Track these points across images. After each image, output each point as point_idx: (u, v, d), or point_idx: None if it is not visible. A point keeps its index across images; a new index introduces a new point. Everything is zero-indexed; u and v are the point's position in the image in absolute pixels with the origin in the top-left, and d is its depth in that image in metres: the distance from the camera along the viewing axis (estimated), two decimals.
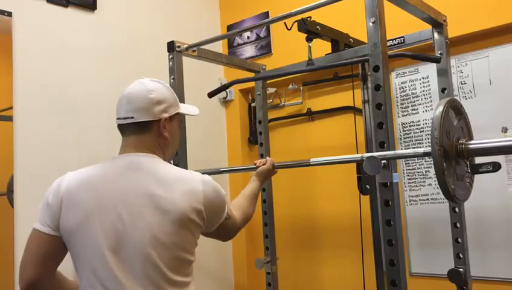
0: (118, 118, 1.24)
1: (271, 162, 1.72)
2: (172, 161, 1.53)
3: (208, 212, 1.18)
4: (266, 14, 2.74)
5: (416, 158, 2.24)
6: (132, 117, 1.21)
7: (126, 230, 1.10)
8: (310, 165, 1.66)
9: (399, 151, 1.31)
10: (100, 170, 1.22)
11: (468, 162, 1.23)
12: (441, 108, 1.12)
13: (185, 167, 1.82)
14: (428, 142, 2.21)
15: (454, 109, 1.22)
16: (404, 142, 2.28)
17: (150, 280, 1.08)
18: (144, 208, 1.11)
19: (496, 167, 1.18)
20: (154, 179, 1.15)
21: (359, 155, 1.38)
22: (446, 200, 1.82)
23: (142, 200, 1.12)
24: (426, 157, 2.20)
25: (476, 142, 1.19)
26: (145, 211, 1.11)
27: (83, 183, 1.18)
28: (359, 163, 2.18)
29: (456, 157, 1.17)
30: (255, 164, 1.74)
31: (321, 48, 2.02)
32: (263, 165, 1.71)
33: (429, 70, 2.17)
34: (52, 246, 1.16)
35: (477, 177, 2.03)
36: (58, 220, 1.16)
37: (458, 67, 2.13)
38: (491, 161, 1.23)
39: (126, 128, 1.24)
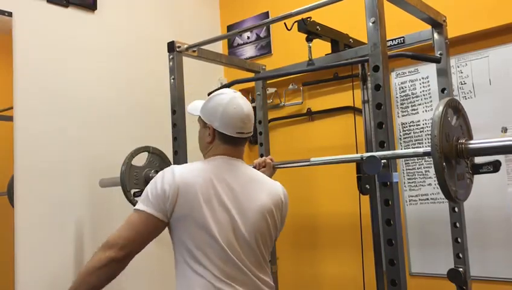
0: (241, 132, 1.38)
1: (270, 165, 1.77)
2: None
3: None
4: (266, 14, 2.74)
5: (416, 158, 2.24)
6: (251, 131, 1.43)
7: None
8: (310, 164, 1.67)
9: (399, 151, 1.31)
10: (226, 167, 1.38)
11: (468, 162, 1.22)
12: (440, 109, 1.12)
13: None
14: (428, 142, 2.21)
15: (453, 108, 1.22)
16: (404, 142, 2.28)
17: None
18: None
19: (497, 166, 1.18)
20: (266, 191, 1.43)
21: (359, 155, 1.38)
22: (446, 200, 1.81)
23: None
24: (426, 157, 2.21)
25: (475, 142, 1.18)
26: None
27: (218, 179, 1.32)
28: (359, 163, 2.18)
29: (456, 158, 1.17)
30: (254, 166, 1.74)
31: (321, 48, 2.02)
32: (263, 167, 1.75)
33: (429, 70, 2.17)
34: (159, 231, 1.28)
35: (477, 177, 2.04)
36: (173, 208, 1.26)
37: (458, 67, 2.13)
38: (492, 159, 1.23)
39: (241, 140, 1.41)
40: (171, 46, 1.93)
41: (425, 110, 2.23)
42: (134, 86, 2.40)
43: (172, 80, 1.93)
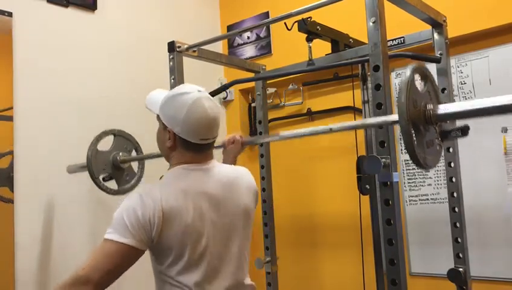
0: (205, 139, 1.27)
1: (239, 142, 1.68)
2: None
3: None
4: (266, 14, 2.74)
5: None
6: (217, 136, 1.32)
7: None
8: (280, 138, 1.66)
9: (368, 120, 1.32)
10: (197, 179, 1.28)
11: (437, 128, 1.17)
12: (407, 75, 1.09)
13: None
14: None
15: (421, 74, 1.18)
16: None
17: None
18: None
19: (465, 131, 1.14)
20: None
21: (328, 126, 1.46)
22: (446, 200, 1.82)
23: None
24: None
25: (443, 108, 1.14)
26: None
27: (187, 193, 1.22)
28: (359, 163, 2.18)
29: (424, 124, 1.13)
30: (223, 144, 1.69)
31: (321, 48, 2.02)
32: (231, 144, 1.67)
33: (429, 70, 2.16)
34: (137, 259, 1.15)
35: (477, 177, 2.04)
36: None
37: (458, 67, 2.13)
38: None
39: (208, 145, 1.31)
40: (171, 46, 1.93)
41: None
42: (134, 86, 2.40)
43: (172, 80, 1.93)
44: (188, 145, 1.26)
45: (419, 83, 1.17)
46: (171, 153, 1.30)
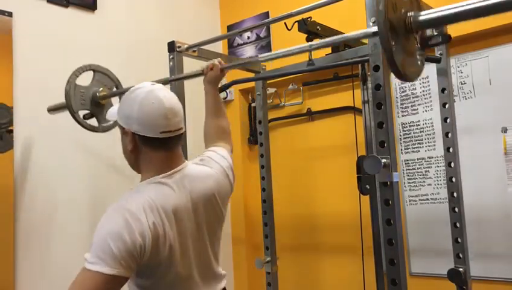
0: (167, 131, 1.17)
1: (218, 67, 1.60)
2: None
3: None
4: (266, 14, 2.74)
5: (416, 159, 2.24)
6: (182, 128, 1.23)
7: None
8: (259, 60, 1.61)
9: (346, 35, 1.30)
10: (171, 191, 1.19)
11: (418, 37, 1.09)
12: None
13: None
14: (429, 143, 2.21)
15: None
16: (404, 142, 2.28)
17: None
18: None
19: (446, 38, 1.07)
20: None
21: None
22: (446, 200, 1.82)
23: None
24: (426, 158, 2.21)
25: (426, 13, 1.05)
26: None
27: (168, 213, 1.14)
28: (359, 163, 2.18)
29: (404, 32, 1.05)
30: (202, 71, 1.65)
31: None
32: (210, 70, 1.61)
33: (429, 70, 2.16)
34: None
35: (477, 177, 2.04)
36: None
37: (458, 67, 2.13)
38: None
39: (172, 140, 1.20)
40: (171, 46, 1.93)
41: (426, 110, 2.23)
42: None
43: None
44: (152, 143, 1.17)
45: None
46: (138, 159, 1.21)
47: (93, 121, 1.93)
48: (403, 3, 1.05)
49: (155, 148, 1.18)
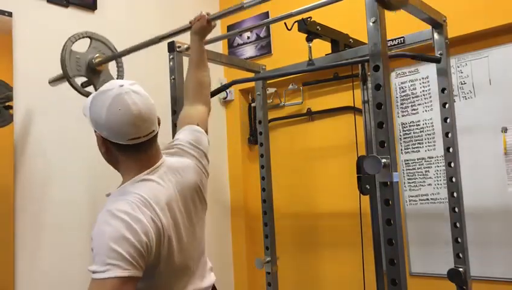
0: (136, 138, 1.14)
1: (204, 17, 1.57)
2: None
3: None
4: (266, 14, 2.74)
5: (416, 159, 2.24)
6: (153, 131, 1.19)
7: None
8: (243, 7, 1.55)
9: None
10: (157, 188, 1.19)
11: None
12: None
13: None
14: (429, 143, 2.21)
15: None
16: (404, 142, 2.28)
17: None
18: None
19: None
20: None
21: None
22: (446, 200, 1.82)
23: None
24: (426, 158, 2.21)
25: None
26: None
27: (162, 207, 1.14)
28: (359, 163, 2.18)
29: None
30: (190, 23, 1.63)
31: (321, 48, 2.02)
32: (197, 22, 1.59)
33: (429, 70, 2.17)
34: None
35: (477, 177, 2.04)
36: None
37: (458, 67, 2.13)
38: None
39: (144, 144, 1.17)
40: (171, 46, 1.93)
41: (425, 110, 2.23)
42: None
43: (172, 80, 1.93)
44: (123, 148, 1.15)
45: None
46: (115, 160, 1.21)
47: (90, 89, 1.93)
48: None
49: (128, 154, 1.17)
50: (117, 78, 2.05)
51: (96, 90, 1.93)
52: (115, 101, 1.11)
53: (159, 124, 1.24)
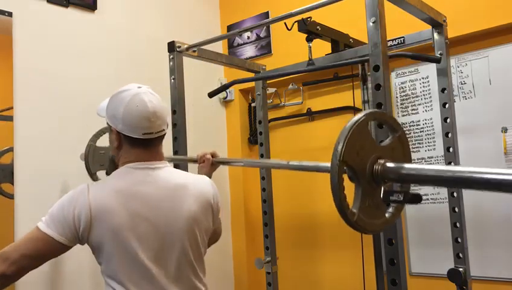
0: (149, 133, 1.26)
1: (209, 161, 1.63)
2: None
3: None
4: (266, 14, 2.74)
5: (416, 159, 2.24)
6: (163, 130, 1.31)
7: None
8: (243, 165, 1.53)
9: (305, 163, 1.21)
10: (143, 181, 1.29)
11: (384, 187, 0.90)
12: (356, 118, 0.89)
13: (185, 168, 1.82)
14: (429, 143, 2.21)
15: (387, 125, 0.95)
16: None
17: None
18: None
19: (414, 199, 0.83)
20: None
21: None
22: (446, 200, 1.82)
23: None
24: (426, 157, 2.21)
25: (396, 164, 0.87)
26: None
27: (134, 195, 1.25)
28: None
29: (370, 181, 0.92)
30: (197, 158, 1.67)
31: (321, 48, 2.02)
32: (203, 163, 1.64)
33: (429, 70, 2.17)
34: (60, 253, 1.23)
35: None
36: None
37: (458, 67, 2.13)
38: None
39: (153, 140, 1.30)
40: (171, 46, 1.93)
41: (426, 110, 2.23)
42: None
43: (172, 80, 1.93)
44: (133, 142, 1.27)
45: (381, 134, 1.02)
46: (119, 153, 1.31)
47: None
48: (381, 149, 0.92)
49: (135, 146, 1.28)
50: None
51: None
52: (134, 99, 1.25)
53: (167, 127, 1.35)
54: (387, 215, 0.94)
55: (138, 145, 1.28)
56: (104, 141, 1.95)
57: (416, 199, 0.84)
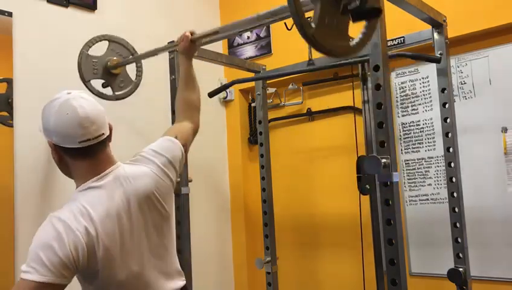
0: (85, 140, 1.17)
1: (187, 38, 1.55)
2: None
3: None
4: None
5: (416, 159, 2.24)
6: (103, 134, 1.22)
7: None
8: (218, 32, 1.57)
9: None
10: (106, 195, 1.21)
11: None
12: None
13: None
14: (429, 143, 2.21)
15: None
16: (404, 142, 2.28)
17: None
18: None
19: (368, 9, 0.84)
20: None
21: None
22: (446, 200, 1.82)
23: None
24: (426, 158, 2.21)
25: None
26: None
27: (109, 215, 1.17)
28: (359, 163, 2.18)
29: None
30: (175, 43, 1.63)
31: None
32: (182, 42, 1.57)
33: (429, 70, 2.17)
34: None
35: (477, 177, 2.04)
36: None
37: (458, 67, 2.13)
38: None
39: (94, 147, 1.20)
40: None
41: (426, 110, 2.23)
42: None
43: (172, 80, 1.93)
44: (73, 153, 1.19)
45: None
46: (68, 168, 1.24)
47: (108, 90, 1.97)
48: None
49: (77, 158, 1.20)
50: (135, 79, 2.07)
51: (113, 91, 1.95)
52: (63, 106, 1.17)
53: (110, 130, 1.27)
54: (354, 41, 0.99)
55: (79, 156, 1.19)
56: (97, 50, 1.92)
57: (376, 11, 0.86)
